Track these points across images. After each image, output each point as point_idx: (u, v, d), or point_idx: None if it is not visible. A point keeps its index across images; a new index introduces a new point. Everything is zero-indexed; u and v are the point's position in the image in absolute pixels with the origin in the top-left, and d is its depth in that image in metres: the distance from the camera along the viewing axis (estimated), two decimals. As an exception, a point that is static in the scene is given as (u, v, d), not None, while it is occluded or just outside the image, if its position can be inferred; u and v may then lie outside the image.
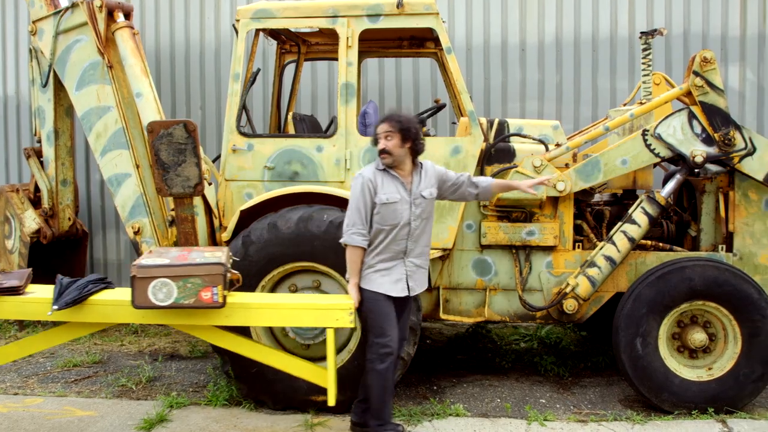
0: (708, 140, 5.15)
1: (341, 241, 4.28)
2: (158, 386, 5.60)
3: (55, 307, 4.16)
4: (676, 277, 4.91)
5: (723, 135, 5.11)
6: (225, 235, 5.24)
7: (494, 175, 5.23)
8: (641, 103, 5.48)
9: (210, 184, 5.47)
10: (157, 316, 4.23)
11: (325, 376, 4.33)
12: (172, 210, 5.33)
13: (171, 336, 7.00)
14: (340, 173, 5.25)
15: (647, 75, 5.64)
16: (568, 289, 5.18)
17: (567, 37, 7.53)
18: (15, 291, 4.31)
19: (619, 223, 5.21)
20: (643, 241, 5.37)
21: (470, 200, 4.80)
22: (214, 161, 6.17)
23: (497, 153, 5.29)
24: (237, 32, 5.39)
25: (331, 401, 4.21)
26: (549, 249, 5.30)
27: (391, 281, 4.28)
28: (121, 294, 4.33)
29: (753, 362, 4.90)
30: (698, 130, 5.16)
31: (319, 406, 4.91)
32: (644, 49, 5.63)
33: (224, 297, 4.12)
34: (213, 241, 5.43)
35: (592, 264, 5.17)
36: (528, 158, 5.15)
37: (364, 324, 4.35)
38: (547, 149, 5.26)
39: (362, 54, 6.17)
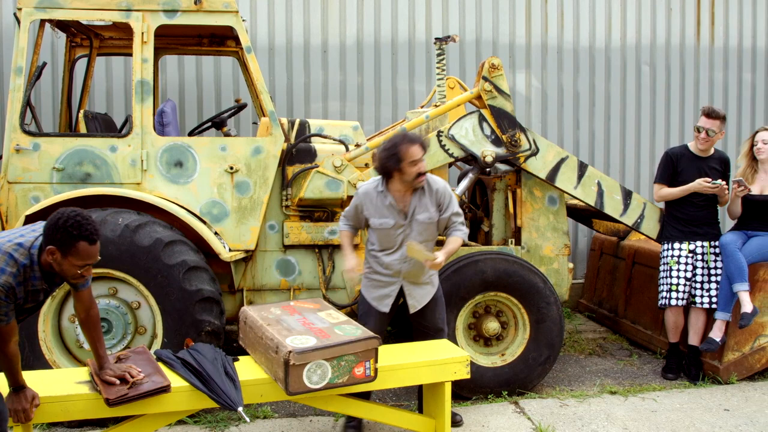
0: (497, 141, 5.48)
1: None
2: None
3: (241, 408, 3.65)
4: (470, 270, 5.16)
5: (510, 137, 5.46)
6: (8, 242, 4.84)
7: (296, 175, 5.26)
8: (436, 106, 5.72)
9: (-10, 187, 5.04)
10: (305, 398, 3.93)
11: (432, 426, 4.32)
12: (-54, 216, 4.86)
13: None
14: (136, 174, 5.02)
15: (441, 79, 5.90)
16: (370, 286, 5.30)
17: (367, 39, 7.72)
18: (165, 389, 3.65)
19: (418, 221, 5.41)
20: (441, 237, 5.60)
21: None
22: (-5, 162, 5.69)
23: (298, 153, 5.31)
24: (19, 22, 5.00)
25: None
26: (352, 247, 5.40)
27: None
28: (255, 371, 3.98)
29: (540, 346, 5.26)
30: (488, 131, 5.48)
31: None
32: (438, 54, 5.89)
33: (376, 370, 3.91)
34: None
35: (393, 261, 5.32)
36: (328, 158, 5.21)
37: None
38: (347, 149, 5.36)
39: (160, 50, 5.96)
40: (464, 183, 5.56)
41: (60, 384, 3.73)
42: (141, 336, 4.90)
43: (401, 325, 6.69)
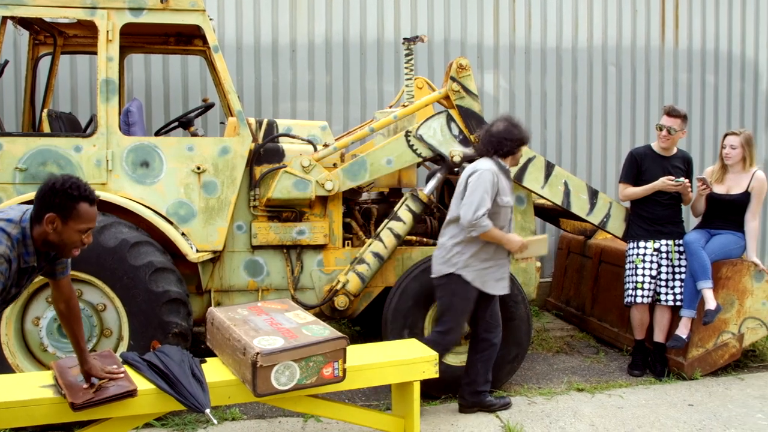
0: (465, 141, 5.50)
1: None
2: None
3: (209, 410, 3.62)
4: (437, 269, 5.17)
5: (478, 136, 5.48)
6: (-31, 244, 4.75)
7: (264, 175, 5.23)
8: (405, 106, 5.73)
9: (-50, 187, 4.94)
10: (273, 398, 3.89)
11: (401, 425, 4.32)
12: None
13: None
14: (101, 175, 4.96)
15: (410, 79, 5.91)
16: (338, 286, 5.28)
17: (336, 38, 7.70)
18: (132, 394, 3.59)
19: (386, 221, 5.40)
20: (409, 237, 5.62)
21: None
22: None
23: (266, 153, 5.28)
24: (-21, 19, 4.92)
25: None
26: (319, 247, 5.38)
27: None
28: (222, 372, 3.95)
29: (508, 344, 5.25)
30: (456, 131, 5.50)
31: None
32: (407, 55, 5.90)
33: (344, 371, 3.90)
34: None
35: (361, 261, 5.32)
36: (297, 158, 5.19)
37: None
38: (315, 149, 5.35)
39: (125, 49, 5.89)
40: (432, 183, 5.57)
41: (24, 388, 3.67)
42: (107, 338, 4.84)
43: (369, 325, 6.71)
